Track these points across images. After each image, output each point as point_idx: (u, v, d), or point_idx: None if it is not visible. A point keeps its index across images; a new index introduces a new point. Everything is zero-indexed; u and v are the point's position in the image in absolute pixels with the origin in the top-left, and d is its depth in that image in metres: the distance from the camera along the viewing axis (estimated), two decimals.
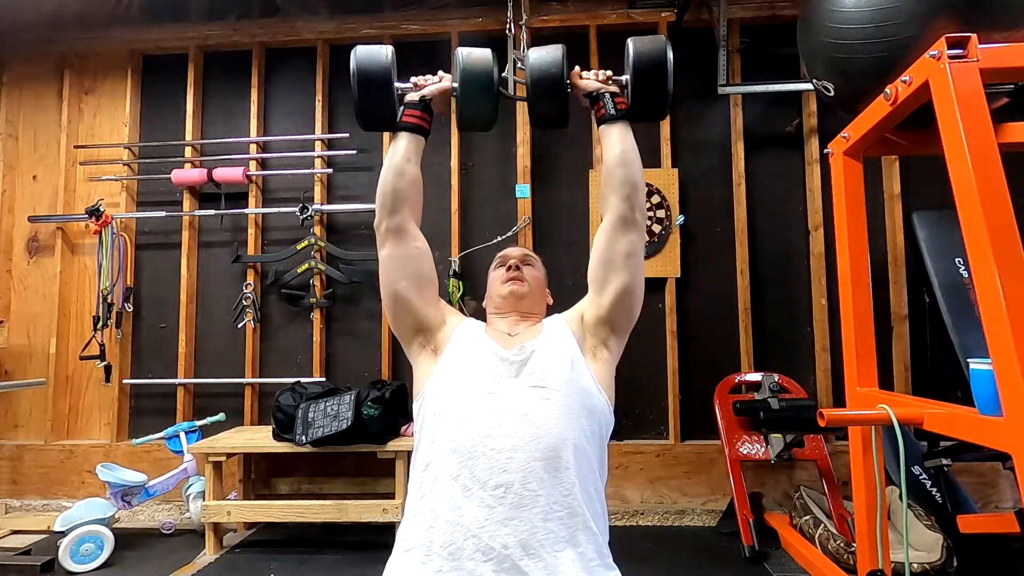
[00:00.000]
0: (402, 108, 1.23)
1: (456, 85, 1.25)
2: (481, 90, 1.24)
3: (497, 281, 1.30)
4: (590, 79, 1.24)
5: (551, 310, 1.37)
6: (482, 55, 1.24)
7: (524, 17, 2.68)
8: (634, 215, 1.16)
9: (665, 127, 2.96)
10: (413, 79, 1.28)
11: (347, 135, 3.03)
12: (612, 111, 1.19)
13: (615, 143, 1.18)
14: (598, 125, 1.22)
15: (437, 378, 1.11)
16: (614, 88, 1.23)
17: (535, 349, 1.10)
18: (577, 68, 1.27)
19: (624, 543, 2.49)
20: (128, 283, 3.06)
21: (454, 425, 1.01)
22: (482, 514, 0.92)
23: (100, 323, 2.94)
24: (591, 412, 1.05)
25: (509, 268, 1.29)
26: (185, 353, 3.02)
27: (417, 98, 1.23)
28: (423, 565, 0.92)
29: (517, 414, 0.99)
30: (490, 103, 1.26)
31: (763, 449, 2.56)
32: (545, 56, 1.23)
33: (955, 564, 2.02)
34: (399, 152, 1.19)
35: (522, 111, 2.99)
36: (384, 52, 1.23)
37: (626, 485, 2.81)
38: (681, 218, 2.89)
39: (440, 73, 1.28)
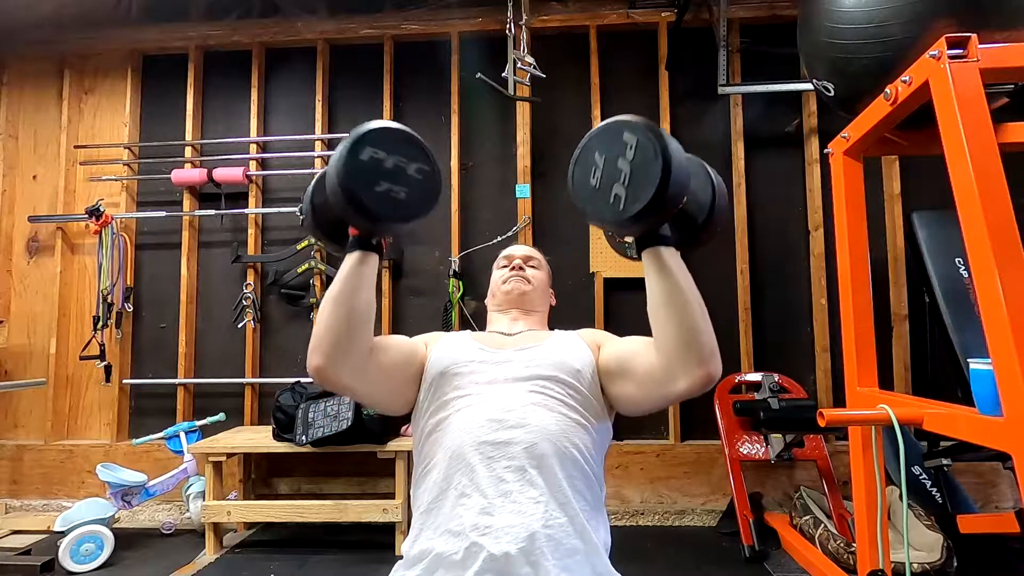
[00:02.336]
0: None
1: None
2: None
3: (499, 279, 1.30)
4: None
5: (554, 311, 1.37)
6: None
7: (524, 17, 2.68)
8: (678, 380, 0.88)
9: (665, 127, 2.96)
10: None
11: (347, 135, 3.02)
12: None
13: (651, 281, 0.90)
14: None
15: (426, 395, 1.07)
16: None
17: (539, 353, 1.09)
18: None
19: (624, 543, 2.50)
20: (128, 283, 3.06)
21: (449, 437, 0.99)
22: (482, 523, 0.90)
23: (100, 323, 2.94)
24: (591, 422, 1.04)
25: (512, 267, 1.29)
26: (185, 353, 3.02)
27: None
28: (425, 574, 0.92)
29: (514, 421, 0.97)
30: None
31: (763, 449, 2.56)
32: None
33: (955, 564, 2.02)
34: (371, 276, 0.93)
35: (522, 111, 2.99)
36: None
37: (626, 485, 2.81)
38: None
39: None
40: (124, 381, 3.04)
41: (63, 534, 2.26)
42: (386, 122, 0.92)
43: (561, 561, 0.90)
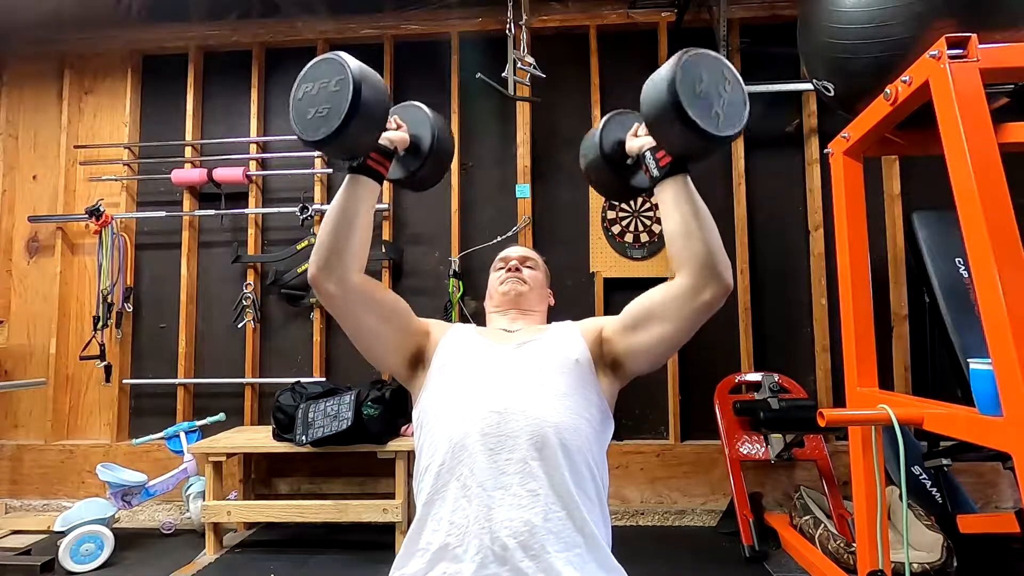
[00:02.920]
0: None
1: (415, 140, 1.12)
2: (449, 157, 1.15)
3: (496, 280, 1.31)
4: (639, 137, 1.06)
5: (552, 311, 1.37)
6: (441, 119, 1.15)
7: (524, 17, 2.68)
8: (703, 291, 0.96)
9: None
10: None
11: None
12: (656, 171, 1.01)
13: (669, 210, 0.99)
14: (654, 193, 1.04)
15: (431, 385, 1.09)
16: (652, 142, 1.03)
17: (537, 348, 1.10)
18: (635, 126, 1.09)
19: (624, 543, 2.49)
20: (128, 283, 3.06)
21: (452, 427, 1.00)
22: (482, 515, 0.91)
23: (100, 323, 2.94)
24: (591, 415, 1.05)
25: (509, 269, 1.30)
26: (185, 353, 3.02)
27: (388, 144, 1.06)
28: (426, 568, 0.92)
29: (516, 413, 0.99)
30: (445, 170, 1.18)
31: (763, 449, 2.56)
32: (588, 140, 1.14)
33: (955, 564, 2.02)
34: (360, 201, 1.02)
35: (522, 111, 2.99)
36: (383, 82, 1.04)
37: (626, 485, 2.81)
38: None
39: (395, 119, 1.11)
40: (124, 381, 3.04)
41: (63, 534, 2.26)
42: (319, 56, 1.01)
43: (563, 554, 0.90)
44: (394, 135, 1.08)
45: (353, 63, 0.97)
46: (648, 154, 1.02)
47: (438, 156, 1.13)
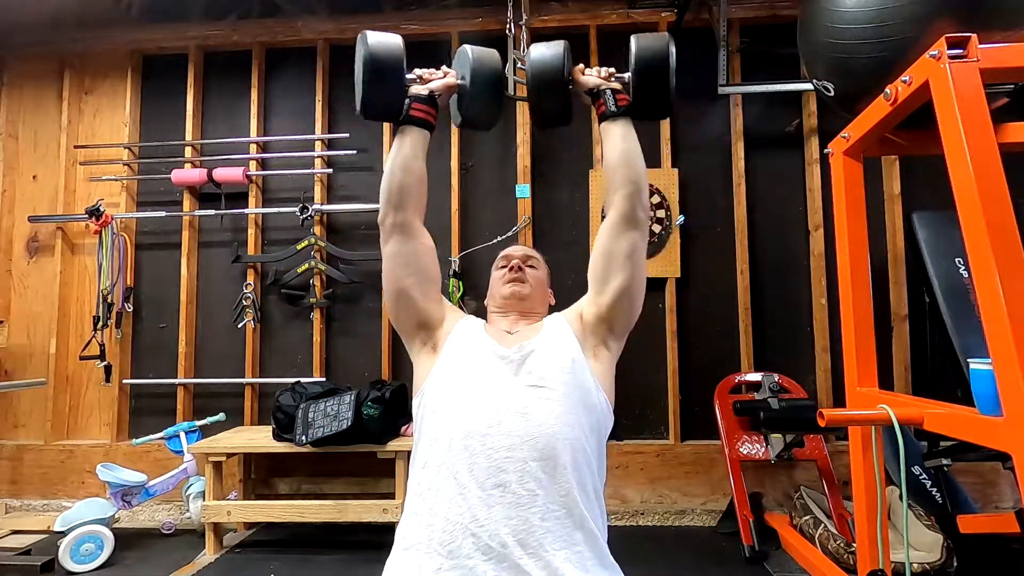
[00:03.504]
0: (408, 101, 1.19)
1: (463, 82, 1.23)
2: (490, 89, 1.24)
3: (499, 281, 1.31)
4: (592, 75, 1.23)
5: (553, 310, 1.37)
6: (491, 54, 1.24)
7: (524, 17, 2.68)
8: (636, 214, 1.14)
9: (665, 127, 2.96)
10: (417, 71, 1.25)
11: (347, 135, 3.03)
12: (613, 108, 1.17)
13: (617, 141, 1.17)
14: (600, 122, 1.21)
15: (436, 376, 1.11)
16: (616, 85, 1.21)
17: (534, 348, 1.10)
18: (580, 65, 1.25)
19: (624, 543, 2.50)
20: (128, 283, 3.06)
21: (452, 423, 1.01)
22: (480, 512, 0.92)
23: (100, 323, 2.94)
24: (590, 411, 1.05)
25: (511, 269, 1.29)
26: (185, 353, 3.02)
27: (425, 92, 1.19)
28: (422, 563, 0.92)
29: (516, 412, 0.99)
30: (497, 103, 1.26)
31: (763, 449, 2.56)
32: (546, 52, 1.21)
33: (955, 564, 2.02)
34: (406, 147, 1.17)
35: (522, 111, 2.99)
36: (397, 40, 1.19)
37: (626, 485, 2.81)
38: (681, 218, 2.89)
39: (444, 68, 1.25)
40: (124, 381, 3.04)
41: (63, 534, 2.26)
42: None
43: (562, 551, 0.91)
44: (437, 83, 1.21)
45: (371, 37, 1.15)
46: (608, 92, 1.19)
47: (477, 91, 1.23)
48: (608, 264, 1.15)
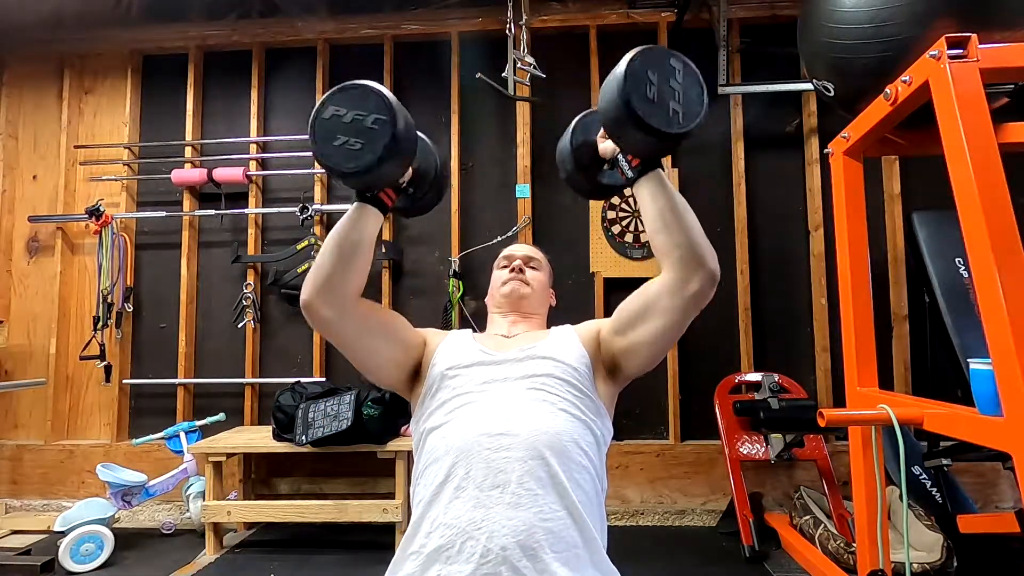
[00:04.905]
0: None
1: (424, 173, 1.13)
2: (446, 185, 1.17)
3: (499, 280, 1.30)
4: (609, 143, 1.07)
5: (554, 311, 1.37)
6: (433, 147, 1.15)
7: (524, 17, 2.68)
8: (688, 285, 0.96)
9: None
10: None
11: None
12: (628, 172, 1.02)
13: (646, 205, 1.00)
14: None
15: (428, 395, 1.08)
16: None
17: (537, 351, 1.09)
18: (600, 133, 1.09)
19: (624, 543, 2.50)
20: (128, 283, 3.06)
21: (450, 435, 0.99)
22: (479, 515, 0.90)
23: (100, 323, 2.94)
24: (590, 420, 1.04)
25: (512, 269, 1.28)
26: (185, 353, 3.02)
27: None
28: (421, 569, 0.91)
29: (515, 414, 0.98)
30: (441, 199, 1.20)
31: (763, 449, 2.56)
32: (561, 144, 1.14)
33: (955, 564, 2.02)
34: (366, 226, 1.02)
35: (522, 111, 2.99)
36: (413, 122, 1.05)
37: (626, 485, 2.81)
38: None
39: None
40: (124, 381, 3.04)
41: (63, 534, 2.26)
42: (354, 81, 0.99)
43: (560, 555, 0.89)
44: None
45: (394, 102, 0.98)
46: (620, 157, 1.04)
47: (439, 186, 1.16)
48: (645, 309, 1.03)
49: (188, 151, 3.13)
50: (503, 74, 2.64)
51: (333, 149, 0.95)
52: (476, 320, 2.89)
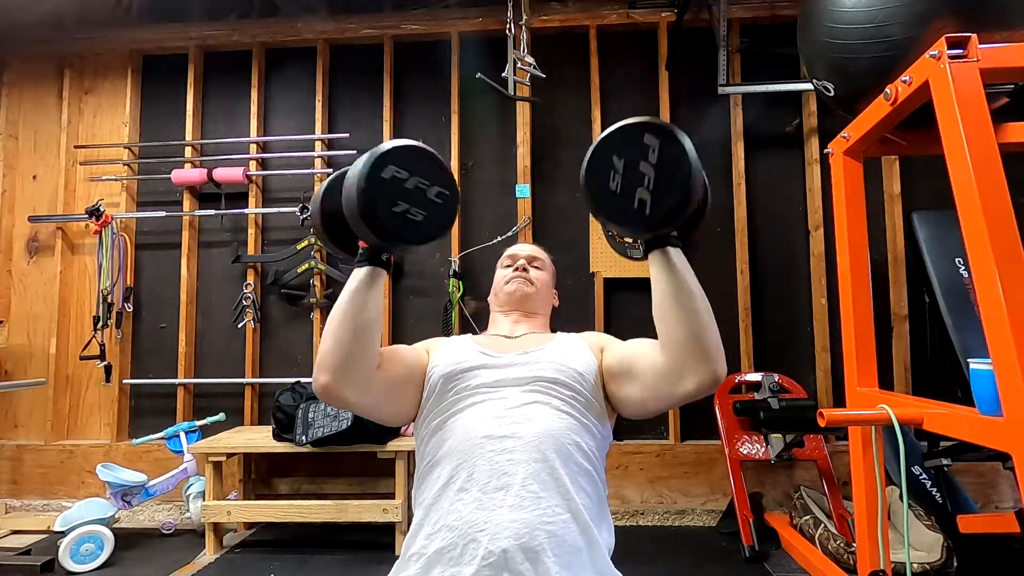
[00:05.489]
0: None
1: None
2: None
3: (502, 279, 1.29)
4: None
5: (556, 311, 1.37)
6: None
7: (524, 17, 2.68)
8: (684, 379, 0.89)
9: None
10: None
11: (347, 135, 3.03)
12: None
13: (653, 285, 0.92)
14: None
15: (429, 399, 1.07)
16: None
17: (543, 355, 1.08)
18: None
19: (624, 543, 2.49)
20: (128, 283, 3.06)
21: (453, 435, 0.99)
22: (481, 517, 0.90)
23: (100, 323, 2.94)
24: (593, 423, 1.03)
25: (516, 269, 1.28)
26: (185, 353, 3.02)
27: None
28: (424, 571, 0.91)
29: (519, 417, 0.98)
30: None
31: (763, 449, 2.56)
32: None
33: (955, 564, 2.02)
34: (379, 295, 0.95)
35: (522, 111, 2.99)
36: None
37: (626, 485, 2.81)
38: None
39: None
40: (124, 381, 3.04)
41: (63, 534, 2.26)
42: (411, 141, 0.90)
43: (562, 558, 0.88)
44: None
45: (452, 175, 0.89)
46: None
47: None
48: (633, 374, 0.99)
49: (188, 151, 3.13)
50: (503, 74, 2.64)
51: (390, 215, 0.86)
52: (476, 320, 2.89)
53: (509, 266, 1.31)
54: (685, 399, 0.91)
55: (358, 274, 0.94)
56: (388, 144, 0.89)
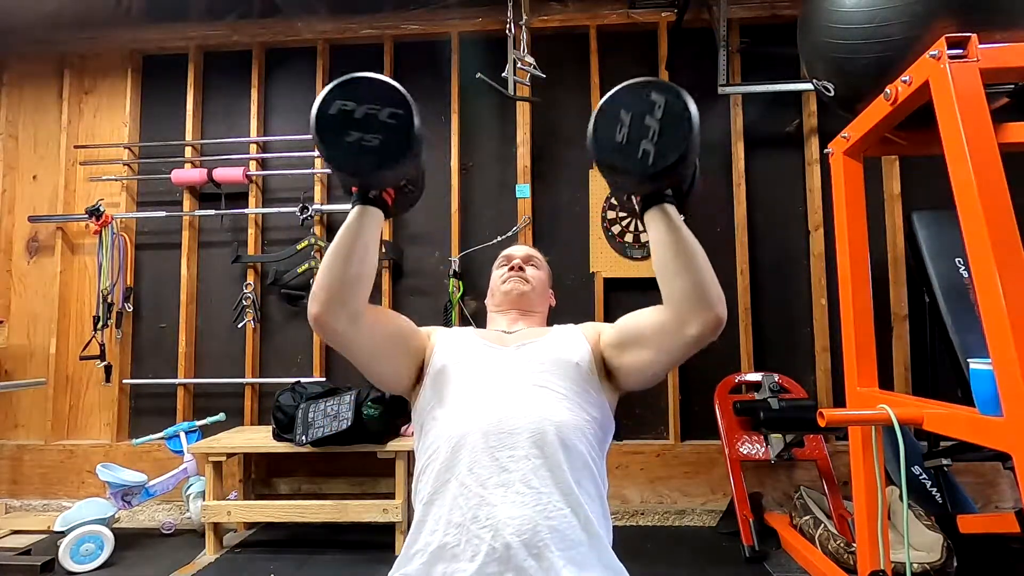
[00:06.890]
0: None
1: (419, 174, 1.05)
2: (424, 176, 1.07)
3: (499, 279, 1.30)
4: None
5: (554, 311, 1.37)
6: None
7: (524, 17, 2.69)
8: (688, 325, 0.92)
9: None
10: None
11: None
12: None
13: (651, 240, 0.96)
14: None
15: (428, 388, 1.07)
16: None
17: (537, 350, 1.09)
18: None
19: (624, 543, 2.49)
20: (128, 283, 3.06)
21: (451, 427, 0.99)
22: (483, 513, 0.90)
23: (100, 323, 2.94)
24: (592, 416, 1.04)
25: (512, 268, 1.29)
26: (185, 353, 3.02)
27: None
28: (426, 567, 0.91)
29: (517, 413, 0.98)
30: (423, 191, 1.08)
31: (763, 449, 2.56)
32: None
33: (955, 564, 2.02)
34: (373, 229, 0.95)
35: (522, 111, 2.99)
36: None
37: (626, 485, 2.81)
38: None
39: None
40: (124, 381, 3.04)
41: (63, 534, 2.26)
42: (358, 73, 0.91)
43: (566, 552, 0.88)
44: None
45: (407, 95, 0.89)
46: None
47: (424, 182, 1.07)
48: (639, 339, 1.02)
49: (188, 151, 3.13)
50: (503, 74, 2.64)
51: (345, 146, 0.86)
52: (476, 320, 2.89)
53: (504, 266, 1.31)
54: (690, 346, 0.94)
55: (351, 213, 0.96)
56: (334, 81, 0.90)
